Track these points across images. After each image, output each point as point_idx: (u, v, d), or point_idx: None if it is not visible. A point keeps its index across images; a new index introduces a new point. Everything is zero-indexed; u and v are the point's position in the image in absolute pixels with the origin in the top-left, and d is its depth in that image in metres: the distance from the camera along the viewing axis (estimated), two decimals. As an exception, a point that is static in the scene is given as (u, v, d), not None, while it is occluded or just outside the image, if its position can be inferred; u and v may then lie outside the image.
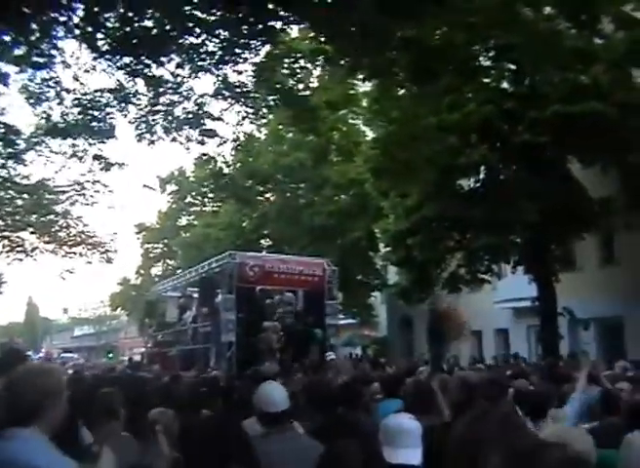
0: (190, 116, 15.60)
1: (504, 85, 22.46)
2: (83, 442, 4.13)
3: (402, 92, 21.81)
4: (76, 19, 12.28)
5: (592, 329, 28.73)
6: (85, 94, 14.98)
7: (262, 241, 40.11)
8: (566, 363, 15.54)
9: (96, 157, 17.44)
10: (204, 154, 18.66)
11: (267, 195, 40.65)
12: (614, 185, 21.66)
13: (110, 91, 14.81)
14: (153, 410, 4.98)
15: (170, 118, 15.67)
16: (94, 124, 15.49)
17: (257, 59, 14.86)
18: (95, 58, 14.04)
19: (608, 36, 20.38)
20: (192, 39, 13.58)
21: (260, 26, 12.56)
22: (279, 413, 4.61)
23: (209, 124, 16.15)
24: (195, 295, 20.72)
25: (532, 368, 16.51)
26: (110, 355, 48.98)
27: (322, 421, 5.52)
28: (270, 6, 11.62)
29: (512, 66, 21.79)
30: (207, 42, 13.67)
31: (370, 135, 32.03)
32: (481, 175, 23.24)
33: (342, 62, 15.62)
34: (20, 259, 26.66)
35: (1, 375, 6.40)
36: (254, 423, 4.75)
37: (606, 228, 23.02)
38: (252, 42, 13.85)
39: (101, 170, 17.97)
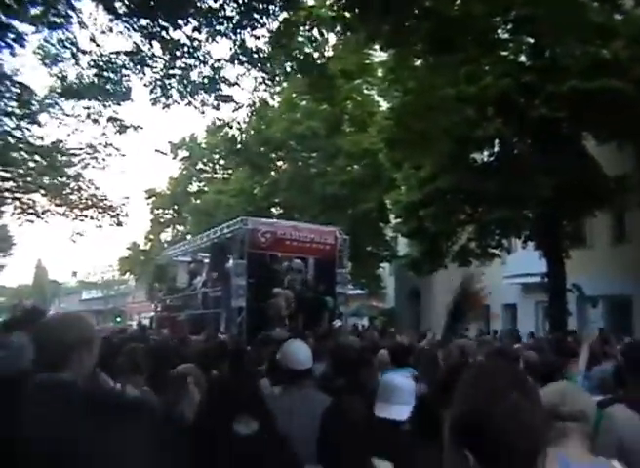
0: (206, 81, 15.52)
1: (522, 58, 22.30)
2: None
3: (419, 62, 21.69)
4: (94, -20, 12.23)
5: (601, 306, 28.76)
6: (101, 55, 14.93)
7: (273, 209, 40.14)
8: (574, 338, 15.59)
9: (111, 119, 17.41)
10: (219, 119, 18.60)
11: (279, 163, 40.62)
12: (629, 163, 21.57)
13: (126, 53, 14.74)
14: (181, 365, 5.08)
15: (185, 82, 15.60)
16: (109, 86, 15.45)
17: (274, 25, 14.78)
18: (111, 20, 14.00)
19: (628, 11, 20.23)
20: (210, 2, 13.53)
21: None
22: (303, 371, 4.80)
23: (225, 89, 16.10)
24: (206, 261, 20.79)
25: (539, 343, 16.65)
26: (118, 319, 49.31)
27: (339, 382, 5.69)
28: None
29: (531, 40, 21.64)
30: (225, 6, 13.61)
31: (384, 105, 31.88)
32: (495, 149, 23.19)
33: (361, 31, 15.51)
34: (31, 221, 26.76)
35: (23, 330, 6.50)
36: (265, 385, 4.95)
37: (619, 206, 22.95)
38: (270, 7, 13.79)
39: (116, 132, 17.95)
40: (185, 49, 14.69)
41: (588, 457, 2.97)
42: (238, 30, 14.30)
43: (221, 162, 49.75)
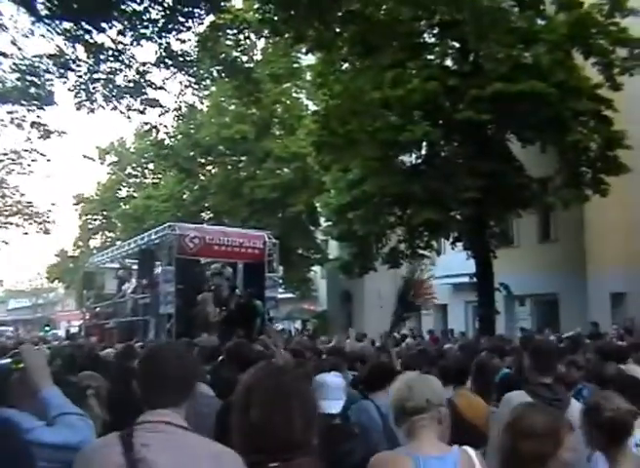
0: (131, 84, 15.33)
1: (448, 62, 22.61)
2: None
3: (345, 65, 21.82)
4: (14, -19, 11.97)
5: (528, 304, 29.37)
6: (23, 58, 14.64)
7: (203, 213, 39.89)
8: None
9: (34, 124, 17.07)
10: (146, 123, 18.35)
11: (209, 167, 40.38)
12: (552, 165, 22.03)
13: (49, 56, 14.49)
14: (82, 374, 4.97)
15: (110, 86, 15.38)
16: (32, 90, 15.14)
17: (201, 29, 14.69)
18: (33, 23, 13.73)
19: (550, 17, 20.72)
20: (135, 6, 13.36)
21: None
22: None
23: (150, 93, 15.91)
24: (134, 267, 20.53)
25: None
26: (47, 328, 48.23)
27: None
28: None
29: (456, 44, 21.95)
30: (150, 9, 13.46)
31: (312, 108, 32.01)
32: (423, 152, 23.43)
33: (287, 34, 15.51)
34: (-47, 229, 26.17)
35: None
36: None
37: (544, 206, 23.43)
38: (196, 10, 13.69)
39: (40, 137, 17.61)
40: (110, 52, 14.49)
41: (438, 447, 3.20)
42: (163, 34, 14.17)
43: (151, 167, 49.23)
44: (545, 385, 4.89)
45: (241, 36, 16.69)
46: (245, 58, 18.03)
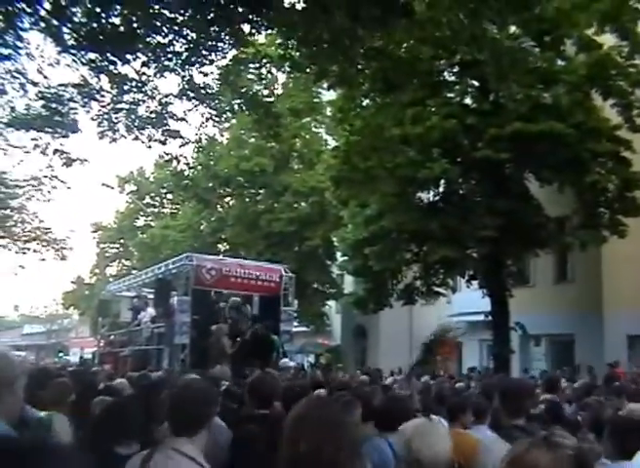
0: (153, 115, 15.44)
1: (467, 101, 22.69)
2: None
3: (366, 102, 21.91)
4: (42, 12, 12.12)
5: (544, 344, 29.12)
6: (49, 87, 14.80)
7: (220, 245, 40.00)
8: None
9: (57, 151, 17.20)
10: (166, 153, 18.46)
11: (227, 199, 40.54)
12: (570, 205, 21.98)
13: (74, 86, 14.64)
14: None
15: (133, 116, 15.49)
16: (56, 118, 15.29)
17: (223, 62, 14.82)
18: (60, 52, 13.87)
19: (570, 58, 20.78)
20: (159, 38, 13.47)
21: (229, 29, 12.53)
22: None
23: (172, 124, 16.02)
24: (150, 296, 20.54)
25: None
26: (61, 354, 48.30)
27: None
28: (240, 9, 11.59)
29: (476, 83, 22.05)
30: (174, 42, 13.57)
31: (332, 143, 32.15)
32: (441, 189, 23.43)
33: (309, 69, 15.61)
34: (-28, 254, 26.32)
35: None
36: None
37: (561, 246, 23.32)
38: (219, 44, 13.81)
39: (63, 165, 17.70)
40: (133, 83, 14.61)
41: None
42: (186, 66, 14.28)
43: (169, 197, 49.54)
44: (518, 427, 4.81)
45: (263, 70, 16.86)
46: (266, 92, 18.21)
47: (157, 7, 11.95)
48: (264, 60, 16.50)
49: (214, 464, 3.71)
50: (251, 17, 11.93)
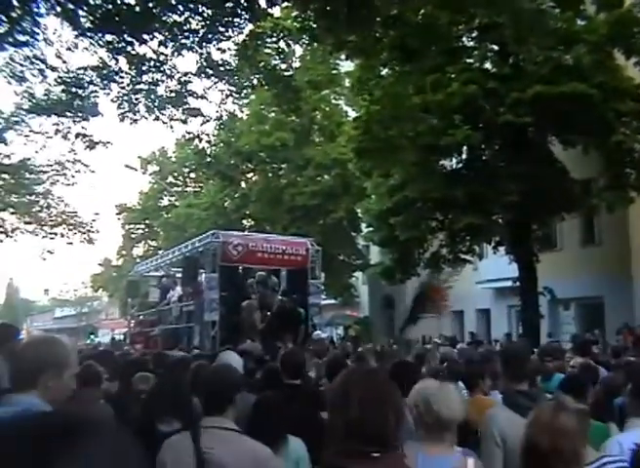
0: (173, 95, 15.47)
1: (487, 65, 22.47)
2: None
3: (385, 71, 21.79)
4: (58, -4, 12.16)
5: (572, 308, 29.02)
6: (68, 71, 14.83)
7: (244, 221, 40.09)
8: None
9: (79, 135, 17.25)
10: (188, 133, 18.47)
11: (249, 175, 40.57)
12: (595, 166, 21.77)
13: (93, 69, 14.66)
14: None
15: (152, 97, 15.52)
16: (77, 102, 15.34)
17: (240, 38, 14.76)
18: (77, 36, 13.90)
19: (590, 18, 20.49)
20: (175, 16, 13.48)
21: (245, 4, 12.49)
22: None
23: (192, 102, 16.05)
24: (178, 275, 20.65)
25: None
26: (92, 336, 48.78)
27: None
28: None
29: (495, 47, 21.84)
30: (190, 19, 13.57)
31: (352, 115, 32.02)
32: (463, 156, 23.31)
33: (327, 41, 15.53)
34: (1, 240, 26.55)
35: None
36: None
37: (587, 209, 23.14)
38: (235, 20, 13.76)
39: (86, 148, 17.76)
40: (152, 63, 14.62)
41: (440, 449, 3.74)
42: (204, 44, 14.27)
43: (192, 175, 49.65)
44: (522, 392, 4.82)
45: (280, 44, 16.75)
46: (284, 66, 18.09)
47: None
48: (282, 34, 16.33)
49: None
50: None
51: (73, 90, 15.06)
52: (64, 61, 14.72)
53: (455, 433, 3.82)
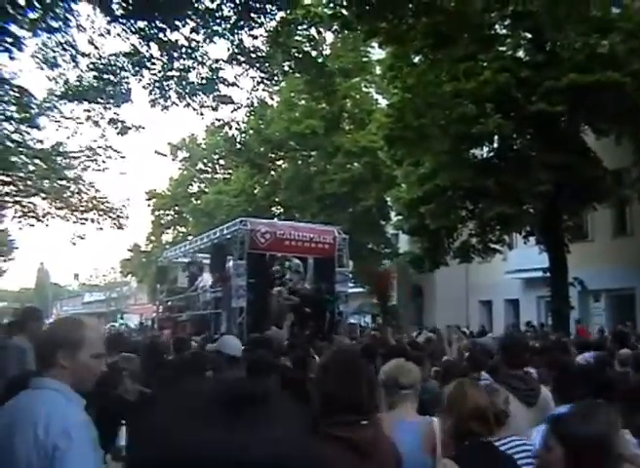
0: (204, 81, 15.53)
1: (520, 54, 22.27)
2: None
3: (417, 59, 21.69)
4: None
5: (603, 300, 28.77)
6: (100, 58, 14.94)
7: (274, 208, 40.16)
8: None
9: (112, 121, 17.37)
10: (218, 119, 18.55)
11: (279, 162, 40.62)
12: (628, 156, 21.55)
13: (125, 55, 14.76)
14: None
15: (184, 83, 15.61)
16: (109, 88, 15.45)
17: (272, 24, 14.77)
18: (109, 22, 14.01)
19: (625, 5, 20.22)
20: (207, 3, 13.54)
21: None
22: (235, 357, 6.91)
23: (223, 89, 16.10)
24: (206, 262, 20.77)
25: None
26: (122, 320, 49.27)
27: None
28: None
29: (529, 35, 21.64)
30: (222, 6, 13.61)
31: (382, 103, 31.94)
32: (495, 145, 23.16)
33: (359, 28, 15.50)
34: (32, 225, 26.82)
35: (23, 332, 6.52)
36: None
37: (619, 199, 22.92)
38: (267, 6, 13.79)
39: (118, 134, 17.89)
40: (183, 50, 14.69)
41: (415, 416, 4.32)
42: (235, 30, 14.31)
43: (222, 162, 49.78)
44: (517, 377, 5.23)
45: (311, 31, 16.73)
46: (315, 54, 18.06)
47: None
48: (313, 21, 16.31)
49: None
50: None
51: (105, 76, 15.17)
52: (97, 48, 14.85)
53: (415, 400, 4.38)
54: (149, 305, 41.29)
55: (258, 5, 13.43)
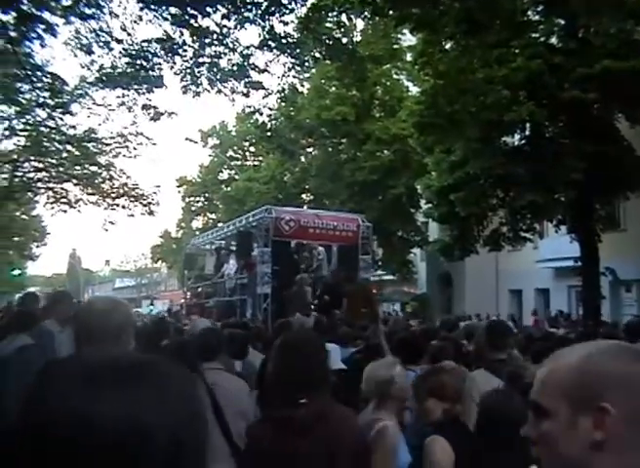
0: (235, 68, 15.60)
1: (553, 40, 22.06)
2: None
3: (449, 45, 21.55)
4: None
5: (635, 290, 28.54)
6: (132, 44, 15.05)
7: (304, 195, 40.25)
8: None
9: (145, 107, 17.51)
10: (249, 106, 18.62)
11: (309, 149, 40.65)
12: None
13: (157, 41, 14.86)
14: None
15: (215, 69, 15.69)
16: (142, 73, 15.56)
17: (303, 10, 14.80)
18: (142, 9, 14.12)
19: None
20: (239, -11, 13.58)
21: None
22: None
23: (254, 76, 16.16)
24: (233, 248, 20.96)
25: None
26: (152, 307, 49.67)
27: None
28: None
29: (561, 21, 21.42)
30: (253, -8, 13.67)
31: (413, 90, 31.82)
32: (527, 132, 22.98)
33: (390, 14, 15.46)
34: (64, 211, 27.16)
35: (53, 316, 6.62)
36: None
37: (653, 188, 22.67)
38: (299, -8, 13.82)
39: (151, 119, 18.04)
40: (215, 36, 14.77)
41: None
42: (267, 16, 14.36)
43: (252, 149, 49.94)
44: (502, 361, 5.56)
45: (342, 17, 16.74)
46: (345, 40, 18.06)
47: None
48: (343, 7, 16.29)
49: None
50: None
51: (138, 62, 15.28)
52: (129, 34, 14.95)
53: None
54: (179, 291, 41.65)
55: (289, -9, 13.47)
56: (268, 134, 29.39)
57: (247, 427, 3.62)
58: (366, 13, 16.91)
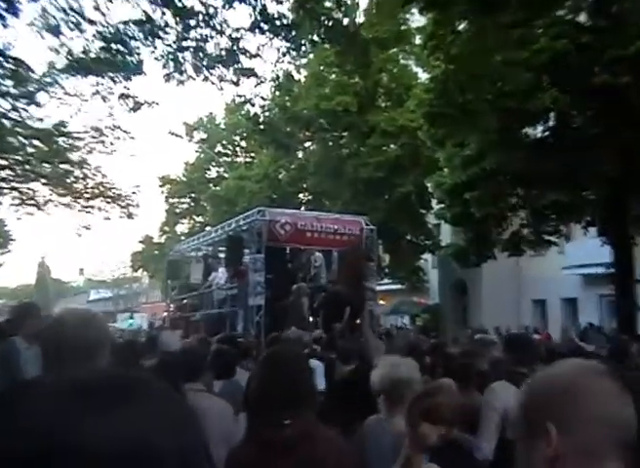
0: (224, 53, 15.47)
1: (581, 18, 21.95)
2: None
3: (462, 26, 21.46)
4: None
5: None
6: (107, 26, 14.90)
7: (301, 195, 40.20)
8: None
9: (122, 96, 17.37)
10: (239, 95, 18.50)
11: (307, 144, 40.57)
12: None
13: (136, 23, 14.71)
14: None
15: (201, 55, 15.56)
16: (118, 58, 15.41)
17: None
18: (117, -15, 13.99)
19: None
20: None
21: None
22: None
23: (245, 62, 16.02)
24: (221, 255, 20.89)
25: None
26: (131, 321, 49.44)
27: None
28: None
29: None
30: (243, -33, 13.55)
31: (422, 77, 31.72)
32: (551, 123, 22.88)
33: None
34: (31, 214, 26.98)
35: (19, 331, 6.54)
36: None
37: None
38: (293, -33, 13.71)
39: (130, 110, 17.89)
40: (200, 17, 14.64)
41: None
42: (258, -6, 14.24)
43: (243, 144, 49.95)
44: (523, 374, 5.48)
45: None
46: (347, 22, 17.94)
47: None
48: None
49: None
50: None
51: (113, 46, 15.13)
52: (104, 14, 14.79)
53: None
54: (162, 304, 41.62)
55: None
56: (261, 126, 29.23)
57: (229, 449, 3.72)
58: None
